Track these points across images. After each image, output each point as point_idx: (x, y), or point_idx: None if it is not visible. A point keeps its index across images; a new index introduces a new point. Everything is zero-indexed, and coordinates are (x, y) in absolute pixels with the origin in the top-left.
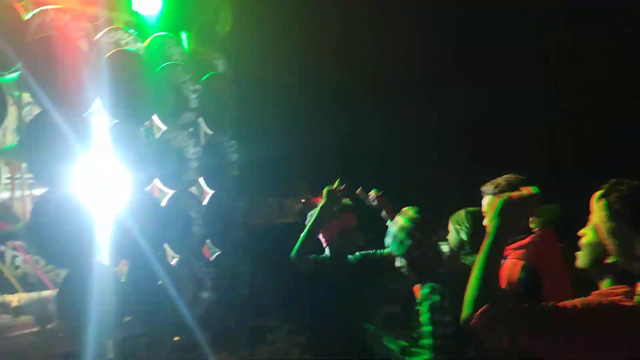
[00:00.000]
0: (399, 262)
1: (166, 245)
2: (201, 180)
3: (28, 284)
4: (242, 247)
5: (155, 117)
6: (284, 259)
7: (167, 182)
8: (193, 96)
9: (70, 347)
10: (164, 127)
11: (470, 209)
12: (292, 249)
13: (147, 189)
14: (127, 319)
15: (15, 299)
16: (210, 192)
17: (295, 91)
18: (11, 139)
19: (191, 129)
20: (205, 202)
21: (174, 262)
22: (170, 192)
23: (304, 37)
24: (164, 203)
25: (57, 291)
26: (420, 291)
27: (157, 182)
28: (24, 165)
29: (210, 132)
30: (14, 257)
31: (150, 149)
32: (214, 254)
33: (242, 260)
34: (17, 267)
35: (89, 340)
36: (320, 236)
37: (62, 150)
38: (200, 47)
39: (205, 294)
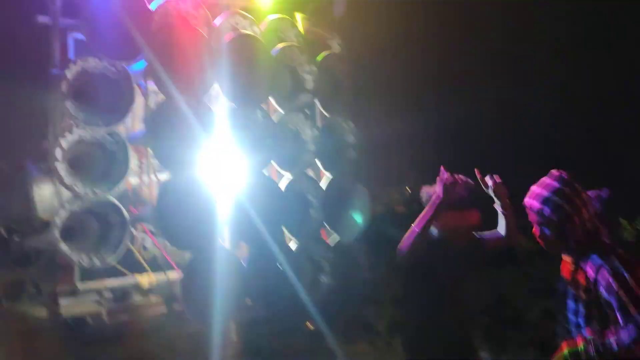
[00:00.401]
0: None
1: (284, 229)
2: (318, 162)
3: (157, 266)
4: (359, 231)
5: (271, 100)
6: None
7: (284, 165)
8: (309, 78)
9: (195, 328)
10: (280, 110)
11: None
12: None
13: (265, 172)
14: (249, 302)
15: (145, 280)
16: (327, 175)
17: (412, 70)
18: (139, 127)
19: (307, 111)
20: (323, 185)
21: (292, 246)
22: (287, 175)
23: (421, 16)
24: (282, 186)
25: (182, 274)
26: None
27: (274, 165)
28: (150, 151)
29: (326, 114)
30: (144, 239)
31: (267, 132)
32: (332, 239)
33: (362, 246)
34: (146, 249)
35: (213, 322)
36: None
37: (185, 135)
38: (315, 28)
39: (324, 279)
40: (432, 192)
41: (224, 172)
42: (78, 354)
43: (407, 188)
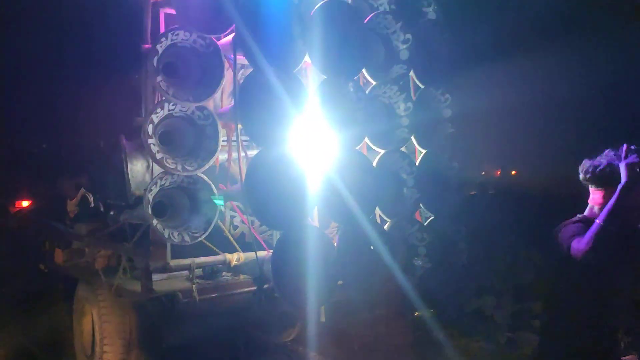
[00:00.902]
0: None
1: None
2: (413, 138)
3: (245, 244)
4: (458, 212)
5: (364, 72)
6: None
7: (377, 141)
8: (403, 47)
9: (284, 308)
10: (373, 82)
11: None
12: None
13: (358, 148)
14: (340, 283)
15: (234, 258)
16: (422, 152)
17: (513, 37)
18: (227, 102)
19: (401, 83)
20: (417, 163)
21: (386, 226)
22: (380, 152)
23: None
24: (374, 163)
25: (271, 252)
26: None
27: (367, 140)
28: (240, 126)
29: (421, 85)
30: (233, 217)
31: (359, 105)
32: (427, 219)
33: (460, 227)
34: (235, 227)
35: (303, 302)
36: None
37: (274, 109)
38: None
39: (419, 262)
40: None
41: (315, 149)
42: (169, 330)
43: (504, 168)
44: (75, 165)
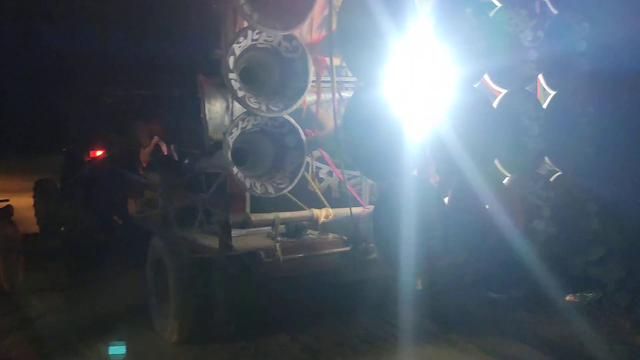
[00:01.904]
0: None
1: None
2: (540, 77)
3: (331, 199)
4: (589, 169)
5: None
6: None
7: (498, 78)
8: None
9: (382, 272)
10: (498, 5)
11: None
12: None
13: (476, 86)
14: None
15: (322, 215)
16: (551, 94)
17: None
18: (317, 33)
19: (531, 7)
20: (544, 106)
21: (504, 181)
22: (501, 92)
23: None
24: (495, 105)
25: (372, 209)
26: None
27: (486, 78)
28: (332, 62)
29: (554, 11)
30: (318, 169)
31: (479, 33)
32: (550, 175)
33: (590, 186)
34: (321, 180)
35: (405, 267)
36: None
37: (378, 37)
38: None
39: (541, 225)
40: None
41: (426, 86)
42: (249, 292)
43: None
44: (148, 112)
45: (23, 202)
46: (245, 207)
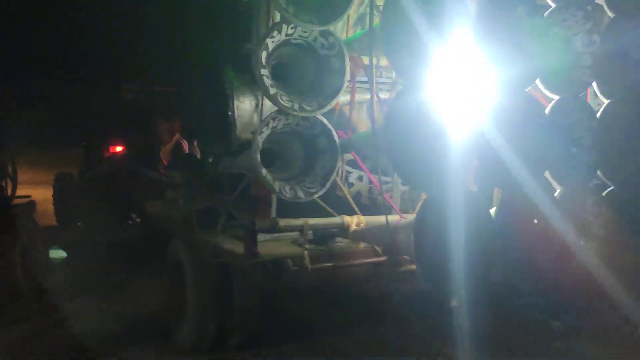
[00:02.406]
0: None
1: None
2: (595, 84)
3: (360, 205)
4: None
5: None
6: None
7: (551, 84)
8: None
9: (416, 285)
10: (552, 5)
11: None
12: None
13: (527, 90)
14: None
15: (354, 222)
16: (605, 103)
17: None
18: (352, 31)
19: (588, 8)
20: (598, 114)
21: (557, 194)
22: (553, 98)
23: None
24: (547, 112)
25: (412, 219)
26: None
27: (538, 82)
28: (372, 61)
29: (611, 14)
30: (349, 173)
31: (532, 34)
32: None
33: None
34: (351, 185)
35: (449, 283)
36: None
37: (424, 35)
38: None
39: (592, 245)
40: None
41: (474, 89)
42: (275, 301)
43: None
44: (171, 109)
45: (47, 195)
46: (271, 211)
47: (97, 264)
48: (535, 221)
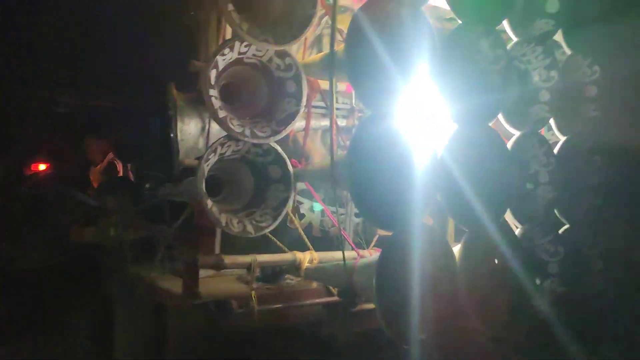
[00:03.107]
0: None
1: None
2: (552, 121)
3: (312, 238)
4: (597, 221)
5: (504, 23)
6: None
7: (511, 118)
8: None
9: (373, 327)
10: (513, 38)
11: None
12: None
13: (491, 124)
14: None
15: (306, 259)
16: (562, 139)
17: None
18: (308, 54)
19: (547, 43)
20: (556, 151)
21: (517, 232)
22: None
23: None
24: (509, 147)
25: (375, 259)
26: None
27: (501, 119)
28: (333, 85)
29: (568, 50)
30: (299, 203)
31: (496, 67)
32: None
33: (596, 241)
34: (302, 217)
35: (415, 331)
36: None
37: (391, 64)
38: None
39: (548, 283)
40: None
41: (432, 121)
42: (215, 349)
43: None
44: (105, 125)
45: None
46: (215, 244)
47: (14, 295)
48: (496, 261)
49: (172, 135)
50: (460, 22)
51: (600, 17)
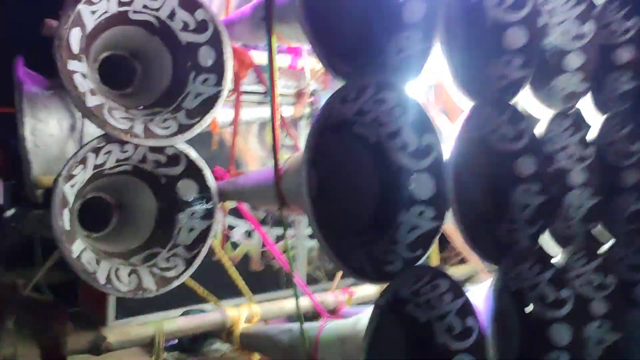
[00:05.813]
0: None
1: None
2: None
3: (249, 275)
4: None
5: None
6: None
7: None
8: None
9: None
10: None
11: None
12: None
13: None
14: None
15: (241, 317)
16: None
17: None
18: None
19: None
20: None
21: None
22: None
23: None
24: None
25: (368, 324)
26: None
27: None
28: (270, 54)
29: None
30: (232, 227)
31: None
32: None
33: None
34: (235, 246)
35: None
36: None
37: None
38: None
39: (598, 328)
40: None
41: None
42: None
43: None
44: None
45: None
46: (106, 305)
47: None
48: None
49: (19, 139)
50: None
51: None
